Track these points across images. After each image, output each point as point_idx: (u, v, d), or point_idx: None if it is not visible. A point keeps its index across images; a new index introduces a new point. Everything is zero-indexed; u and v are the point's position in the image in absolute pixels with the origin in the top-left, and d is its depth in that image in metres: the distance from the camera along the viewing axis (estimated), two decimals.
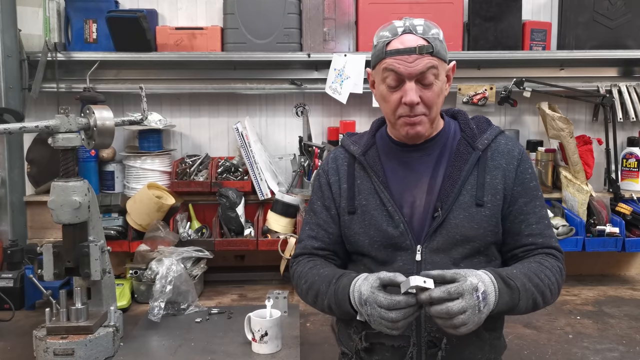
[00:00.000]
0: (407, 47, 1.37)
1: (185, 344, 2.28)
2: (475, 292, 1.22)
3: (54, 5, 3.29)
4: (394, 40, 1.39)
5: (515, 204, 1.46)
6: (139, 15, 3.16)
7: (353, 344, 1.50)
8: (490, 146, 1.48)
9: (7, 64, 3.18)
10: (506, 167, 1.46)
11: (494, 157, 1.47)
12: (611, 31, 3.44)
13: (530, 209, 1.46)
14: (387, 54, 1.38)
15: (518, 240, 1.47)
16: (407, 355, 1.41)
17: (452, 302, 1.21)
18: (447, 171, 1.45)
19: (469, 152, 1.46)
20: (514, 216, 1.46)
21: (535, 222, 1.46)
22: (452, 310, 1.20)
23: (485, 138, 1.48)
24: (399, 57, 1.37)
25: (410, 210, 1.45)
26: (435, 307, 1.22)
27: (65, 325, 2.18)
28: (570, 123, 3.25)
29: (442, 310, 1.21)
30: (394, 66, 1.37)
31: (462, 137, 1.49)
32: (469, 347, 1.42)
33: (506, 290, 1.29)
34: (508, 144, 1.50)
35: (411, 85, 1.38)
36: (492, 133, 1.50)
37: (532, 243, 1.45)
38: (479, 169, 1.45)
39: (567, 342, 2.46)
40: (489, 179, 1.44)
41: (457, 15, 3.38)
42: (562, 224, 3.16)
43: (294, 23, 3.35)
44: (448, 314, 1.21)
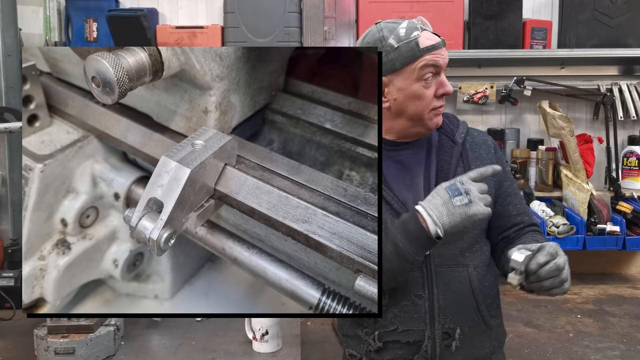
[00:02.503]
0: (433, 41, 1.41)
1: (185, 342, 2.28)
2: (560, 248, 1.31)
3: (55, 4, 3.30)
4: (420, 38, 1.41)
5: (501, 187, 1.53)
6: (139, 14, 3.16)
7: (363, 346, 1.49)
8: (466, 139, 1.54)
9: (7, 63, 3.19)
10: (486, 156, 1.53)
11: (473, 149, 1.54)
12: (612, 30, 3.43)
13: (512, 191, 1.55)
14: (424, 51, 1.40)
15: (509, 220, 1.53)
16: (422, 349, 1.42)
17: (556, 258, 1.28)
18: (438, 165, 1.50)
19: (452, 146, 1.52)
20: (503, 199, 1.53)
21: (519, 202, 1.55)
22: (560, 264, 1.27)
23: (460, 132, 1.55)
24: (436, 52, 1.41)
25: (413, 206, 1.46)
26: (544, 267, 1.27)
27: (66, 324, 2.18)
28: (570, 122, 3.25)
29: (552, 268, 1.27)
30: (435, 61, 1.40)
31: (441, 132, 1.54)
32: (478, 336, 1.46)
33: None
34: (480, 136, 1.58)
35: (444, 76, 1.45)
36: (464, 127, 1.57)
37: (521, 222, 1.53)
38: (464, 161, 1.51)
39: (568, 340, 2.47)
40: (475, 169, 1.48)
41: (457, 14, 3.38)
42: (562, 223, 3.16)
43: (294, 22, 3.35)
44: (558, 269, 1.27)
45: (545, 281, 1.28)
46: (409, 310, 1.41)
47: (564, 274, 1.28)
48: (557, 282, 1.28)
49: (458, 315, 1.41)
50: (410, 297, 1.40)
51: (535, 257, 1.28)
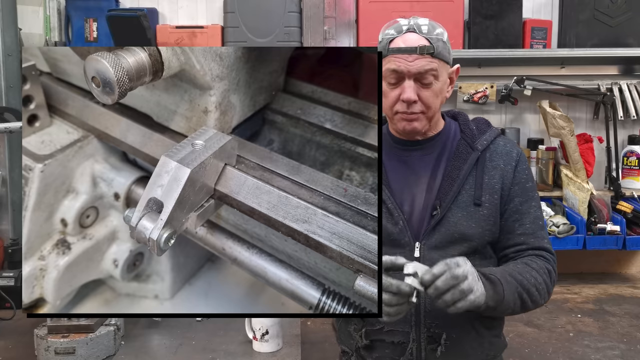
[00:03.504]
0: (408, 46, 1.38)
1: (186, 342, 2.28)
2: (468, 262, 1.26)
3: (55, 4, 3.30)
4: (397, 38, 1.41)
5: (511, 202, 1.47)
6: (139, 14, 3.16)
7: (353, 342, 1.51)
8: (489, 147, 1.49)
9: (7, 63, 3.19)
10: (504, 167, 1.47)
11: (493, 158, 1.48)
12: (612, 29, 3.43)
13: (525, 209, 1.47)
14: (389, 51, 1.40)
15: (510, 239, 1.47)
16: (407, 351, 1.42)
17: (453, 269, 1.23)
18: (446, 170, 1.47)
19: (468, 153, 1.47)
20: (509, 215, 1.47)
21: (529, 222, 1.47)
22: (456, 273, 1.22)
23: (484, 139, 1.50)
24: (400, 55, 1.38)
25: (409, 208, 1.46)
26: (440, 278, 1.23)
27: (66, 324, 2.18)
28: (571, 121, 3.25)
29: (447, 278, 1.22)
30: (394, 64, 1.39)
31: (461, 137, 1.51)
32: (468, 343, 1.44)
33: (489, 285, 1.31)
34: (507, 146, 1.51)
35: (410, 83, 1.40)
36: (491, 134, 1.52)
37: (524, 242, 1.46)
38: (478, 169, 1.46)
39: (568, 340, 2.47)
40: (487, 179, 1.46)
41: (457, 14, 3.38)
42: (562, 222, 3.16)
43: (294, 21, 3.35)
44: (455, 278, 1.22)
45: (446, 294, 1.23)
46: None
47: (464, 285, 1.22)
48: (457, 292, 1.22)
49: (445, 320, 1.39)
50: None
51: (431, 269, 1.24)
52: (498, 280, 1.32)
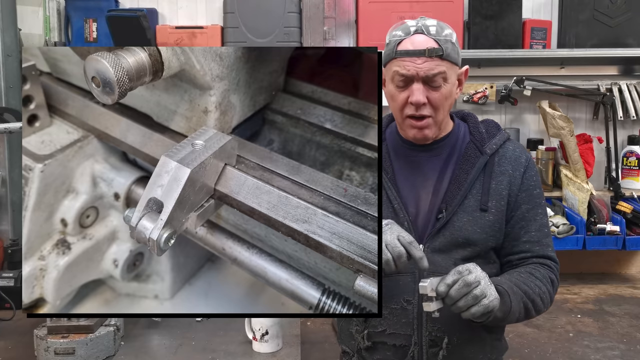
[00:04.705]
0: (416, 48, 1.37)
1: (185, 342, 2.29)
2: (478, 267, 1.27)
3: (54, 4, 3.30)
4: (405, 40, 1.39)
5: (518, 209, 1.46)
6: (139, 14, 3.16)
7: (355, 343, 1.50)
8: (498, 151, 1.48)
9: (7, 63, 3.19)
10: (512, 173, 1.46)
11: (501, 163, 1.47)
12: (612, 29, 3.44)
13: (531, 216, 1.46)
14: (397, 54, 1.39)
15: (515, 245, 1.47)
16: (408, 354, 1.42)
17: (465, 276, 1.24)
18: (454, 174, 1.45)
19: (477, 156, 1.46)
20: (515, 221, 1.46)
21: (535, 230, 1.46)
22: (468, 280, 1.23)
23: (493, 143, 1.48)
24: (408, 58, 1.37)
25: (415, 209, 1.45)
26: (453, 287, 1.24)
27: (66, 324, 2.18)
28: (570, 121, 3.25)
29: (460, 285, 1.23)
30: (403, 67, 1.38)
31: (470, 140, 1.49)
32: (469, 347, 1.43)
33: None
34: (516, 151, 1.50)
35: (418, 85, 1.38)
36: (500, 138, 1.50)
37: (529, 250, 1.46)
38: (485, 174, 1.45)
39: (568, 340, 2.47)
40: (495, 185, 1.45)
41: (457, 14, 3.37)
42: (562, 223, 3.16)
43: (294, 22, 3.35)
44: (466, 284, 1.23)
45: (459, 301, 1.24)
46: (398, 314, 1.41)
47: (477, 290, 1.24)
48: (470, 299, 1.24)
49: (447, 324, 1.39)
50: (400, 301, 1.40)
51: (444, 278, 1.25)
52: (505, 291, 1.32)
